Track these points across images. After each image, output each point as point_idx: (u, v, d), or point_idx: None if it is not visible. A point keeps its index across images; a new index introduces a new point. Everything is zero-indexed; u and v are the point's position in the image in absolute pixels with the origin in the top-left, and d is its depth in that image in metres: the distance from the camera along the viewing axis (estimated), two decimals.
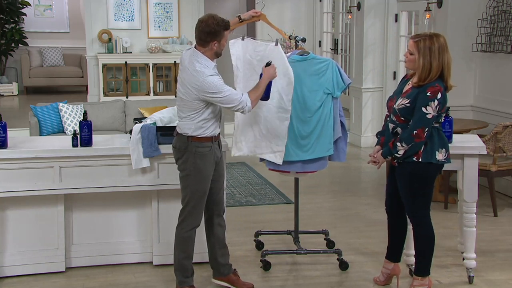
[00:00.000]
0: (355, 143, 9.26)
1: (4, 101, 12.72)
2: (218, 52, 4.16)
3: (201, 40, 4.11)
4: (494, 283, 4.68)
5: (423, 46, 4.06)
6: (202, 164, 4.20)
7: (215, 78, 4.07)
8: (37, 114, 7.27)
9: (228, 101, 4.08)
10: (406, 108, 4.11)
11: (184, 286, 4.34)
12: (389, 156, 4.19)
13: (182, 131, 4.22)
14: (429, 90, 4.03)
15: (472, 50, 7.40)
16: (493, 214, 6.22)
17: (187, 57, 4.17)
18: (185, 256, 4.31)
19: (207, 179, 4.25)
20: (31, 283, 4.65)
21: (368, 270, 4.86)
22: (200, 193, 4.25)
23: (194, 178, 4.22)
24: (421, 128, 4.05)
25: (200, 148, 4.19)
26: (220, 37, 4.10)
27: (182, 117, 4.21)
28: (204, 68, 4.07)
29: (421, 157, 4.12)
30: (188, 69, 4.10)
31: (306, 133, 4.67)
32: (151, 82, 11.93)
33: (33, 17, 14.58)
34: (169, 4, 12.07)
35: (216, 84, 4.05)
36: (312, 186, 7.17)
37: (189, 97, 4.11)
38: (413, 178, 4.18)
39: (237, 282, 4.51)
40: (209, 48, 4.11)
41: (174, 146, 4.32)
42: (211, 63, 4.15)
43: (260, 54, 4.60)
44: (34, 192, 4.59)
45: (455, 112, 5.88)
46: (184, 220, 4.29)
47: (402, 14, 9.03)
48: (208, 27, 4.06)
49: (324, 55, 11.41)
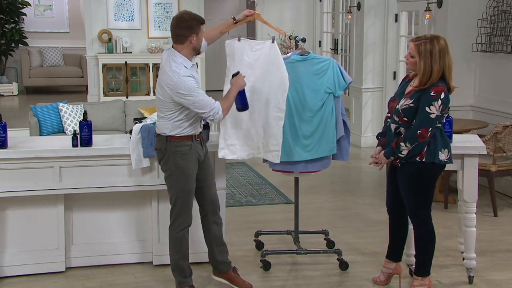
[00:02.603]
0: (355, 143, 9.25)
1: (4, 101, 12.73)
2: (196, 48, 4.12)
3: (179, 36, 4.07)
4: (494, 283, 4.68)
5: (424, 50, 4.05)
6: (183, 163, 4.18)
7: (189, 79, 4.02)
8: (37, 114, 7.27)
9: (200, 106, 4.03)
10: (409, 109, 4.11)
11: (184, 286, 4.33)
12: (392, 156, 4.18)
13: (160, 131, 4.21)
14: (432, 90, 4.04)
15: (472, 50, 7.39)
16: (493, 214, 6.22)
17: (165, 57, 4.15)
18: (180, 256, 4.31)
19: (190, 177, 4.22)
20: (31, 283, 4.64)
21: (368, 270, 4.86)
22: (186, 192, 4.23)
23: (176, 177, 4.20)
24: (425, 128, 4.05)
25: (180, 147, 4.16)
26: (197, 31, 4.06)
27: (160, 116, 4.20)
28: (179, 68, 4.04)
29: (425, 157, 4.12)
30: (165, 68, 4.08)
31: (308, 132, 4.67)
32: (151, 82, 11.93)
33: (33, 17, 14.59)
34: (169, 4, 12.08)
35: (189, 85, 4.00)
36: (312, 186, 7.17)
37: (165, 97, 4.09)
38: (416, 178, 4.18)
39: (236, 280, 4.50)
40: (188, 44, 4.08)
41: (155, 148, 4.32)
42: (189, 63, 4.11)
43: (257, 54, 4.57)
44: (34, 192, 4.59)
45: (455, 112, 5.87)
46: (175, 220, 4.28)
47: (402, 14, 9.03)
48: (185, 22, 4.04)
49: (324, 55, 11.40)
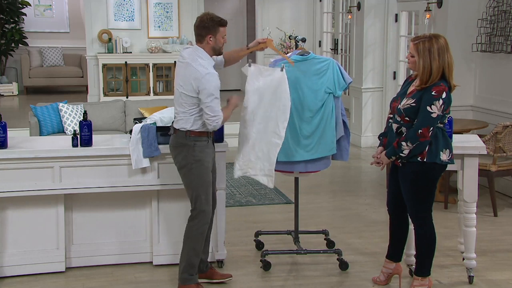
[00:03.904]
0: (355, 143, 9.25)
1: (4, 101, 12.71)
2: (215, 48, 4.29)
3: (198, 35, 4.29)
4: (494, 283, 4.68)
5: (423, 48, 4.07)
6: (202, 156, 4.28)
7: (216, 79, 4.19)
8: (37, 114, 7.27)
9: (211, 108, 4.17)
10: (411, 108, 4.11)
11: (190, 284, 4.34)
12: (394, 156, 4.18)
13: (179, 126, 4.29)
14: (434, 89, 4.04)
15: (472, 50, 7.39)
16: (493, 214, 6.22)
17: (187, 54, 4.31)
18: (194, 253, 4.34)
19: (208, 170, 4.32)
20: (31, 283, 4.64)
21: (368, 270, 4.86)
22: (206, 185, 4.31)
23: (196, 171, 4.28)
24: (426, 127, 4.05)
25: (199, 142, 4.28)
26: (214, 32, 4.24)
27: (180, 112, 4.29)
28: (209, 65, 4.23)
29: (426, 157, 4.12)
30: (191, 63, 4.22)
31: (308, 132, 4.67)
32: (151, 82, 11.93)
33: (33, 17, 14.57)
34: (169, 4, 12.06)
35: (215, 85, 4.17)
36: (312, 186, 7.17)
37: (189, 91, 4.20)
38: (417, 178, 4.17)
39: (216, 275, 4.57)
40: (206, 43, 4.26)
41: (172, 144, 4.36)
42: (211, 60, 4.28)
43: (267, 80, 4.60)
44: (34, 192, 4.59)
45: (455, 112, 5.87)
46: (197, 216, 4.32)
47: (402, 14, 9.03)
48: (202, 22, 4.26)
49: (324, 55, 11.40)
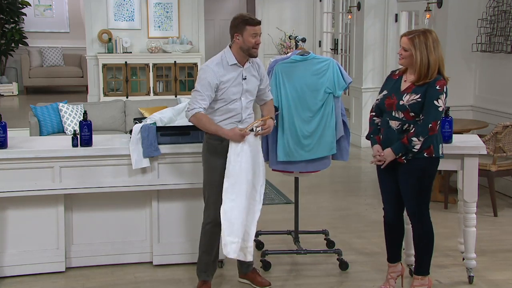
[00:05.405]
0: (355, 143, 9.25)
1: (4, 101, 12.73)
2: (243, 48, 4.18)
3: (230, 34, 4.26)
4: (494, 283, 4.68)
5: (419, 42, 4.07)
6: (209, 155, 4.28)
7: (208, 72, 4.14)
8: (37, 114, 7.27)
9: (192, 96, 4.18)
10: (417, 103, 4.10)
11: (200, 279, 4.48)
12: (405, 152, 4.14)
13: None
14: (437, 84, 4.06)
15: (472, 50, 7.39)
16: (493, 214, 6.22)
17: None
18: (202, 250, 4.43)
19: (214, 171, 4.27)
20: (31, 283, 4.64)
21: (368, 270, 4.86)
22: (211, 185, 4.28)
23: (204, 170, 4.32)
24: (435, 121, 4.06)
25: (211, 141, 4.26)
26: (241, 30, 4.15)
27: None
28: (214, 59, 4.21)
29: (434, 152, 4.13)
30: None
31: (308, 132, 4.67)
32: (151, 82, 11.94)
33: (33, 17, 14.59)
34: (169, 4, 12.07)
35: (201, 75, 4.16)
36: (312, 186, 7.17)
37: None
38: (424, 174, 4.16)
39: (256, 280, 4.58)
40: (234, 42, 4.22)
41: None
42: (233, 59, 4.19)
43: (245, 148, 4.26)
44: (34, 192, 4.59)
45: (455, 112, 5.87)
46: (204, 215, 4.39)
47: (402, 14, 9.03)
48: (232, 21, 4.23)
49: (324, 55, 11.41)
